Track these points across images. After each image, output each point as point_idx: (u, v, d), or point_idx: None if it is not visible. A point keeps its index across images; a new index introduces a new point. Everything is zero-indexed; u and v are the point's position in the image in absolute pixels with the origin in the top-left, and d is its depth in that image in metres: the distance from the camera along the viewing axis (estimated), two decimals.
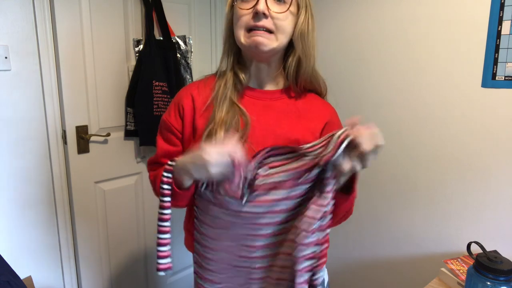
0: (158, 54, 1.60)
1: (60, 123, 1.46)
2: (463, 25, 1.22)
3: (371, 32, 1.44)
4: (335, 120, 0.93)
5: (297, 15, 0.85)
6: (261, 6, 0.80)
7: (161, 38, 1.64)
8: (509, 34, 1.13)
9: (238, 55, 0.91)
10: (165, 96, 1.60)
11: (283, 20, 0.83)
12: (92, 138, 1.54)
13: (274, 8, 0.82)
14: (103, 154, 1.58)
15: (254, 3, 0.82)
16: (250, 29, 0.82)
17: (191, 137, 0.89)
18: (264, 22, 0.82)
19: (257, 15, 0.81)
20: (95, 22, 1.48)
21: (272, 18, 0.82)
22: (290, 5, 0.83)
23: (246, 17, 0.82)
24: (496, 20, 1.15)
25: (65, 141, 1.47)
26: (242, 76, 0.89)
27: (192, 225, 0.93)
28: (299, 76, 0.90)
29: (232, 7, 0.87)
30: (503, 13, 1.14)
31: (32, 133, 1.39)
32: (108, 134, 1.54)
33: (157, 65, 1.58)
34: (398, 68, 1.39)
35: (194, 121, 0.88)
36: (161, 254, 0.80)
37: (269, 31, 0.83)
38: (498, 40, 1.16)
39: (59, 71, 1.41)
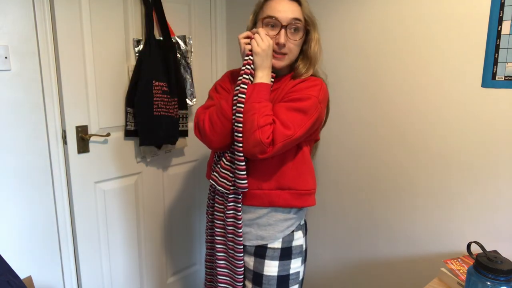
0: (158, 54, 1.60)
1: (60, 123, 1.46)
2: (463, 25, 1.22)
3: (370, 32, 1.44)
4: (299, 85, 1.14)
5: (305, 35, 1.12)
6: (282, 39, 1.07)
7: (161, 38, 1.64)
8: (509, 34, 1.13)
9: None
10: (165, 96, 1.60)
11: (295, 45, 1.10)
12: (92, 138, 1.54)
13: (291, 37, 1.08)
14: (103, 154, 1.58)
15: (277, 31, 1.08)
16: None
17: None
18: (282, 50, 1.09)
19: (278, 45, 1.08)
20: (95, 22, 1.48)
21: (288, 44, 1.09)
22: (303, 33, 1.11)
23: None
24: (496, 20, 1.15)
25: (65, 141, 1.47)
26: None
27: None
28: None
29: (255, 23, 1.16)
30: (503, 13, 1.14)
31: (32, 133, 1.39)
32: (108, 134, 1.54)
33: (157, 65, 1.58)
34: (397, 68, 1.39)
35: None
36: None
37: (284, 54, 1.10)
38: (498, 40, 1.16)
39: (59, 71, 1.41)
